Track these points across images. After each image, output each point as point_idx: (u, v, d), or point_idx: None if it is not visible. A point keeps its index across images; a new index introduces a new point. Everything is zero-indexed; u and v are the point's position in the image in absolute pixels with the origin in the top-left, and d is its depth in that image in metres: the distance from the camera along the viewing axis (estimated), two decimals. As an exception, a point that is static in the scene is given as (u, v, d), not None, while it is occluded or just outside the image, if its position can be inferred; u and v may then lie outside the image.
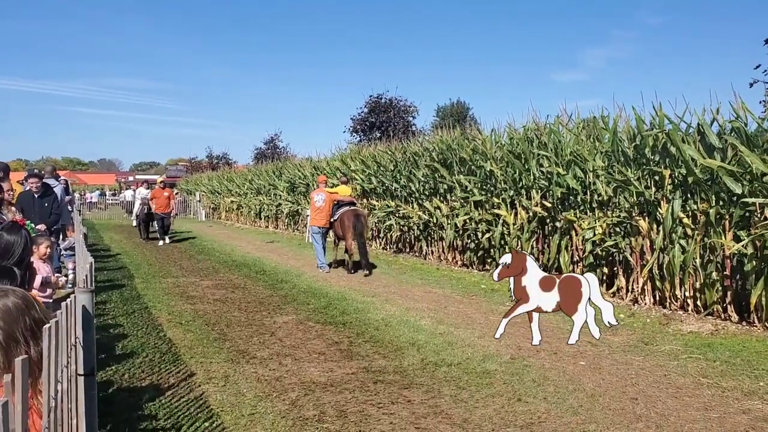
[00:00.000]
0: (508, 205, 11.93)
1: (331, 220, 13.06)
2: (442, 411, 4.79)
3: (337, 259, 13.58)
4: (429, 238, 14.63)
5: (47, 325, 1.81)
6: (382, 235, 16.79)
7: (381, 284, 10.88)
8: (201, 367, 5.82)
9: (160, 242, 17.87)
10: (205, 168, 52.17)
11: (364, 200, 17.84)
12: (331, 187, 14.49)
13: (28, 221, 5.63)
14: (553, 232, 10.84)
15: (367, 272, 11.93)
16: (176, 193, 27.63)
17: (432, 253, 14.55)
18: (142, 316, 8.07)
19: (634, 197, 9.20)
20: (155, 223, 19.09)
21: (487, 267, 12.56)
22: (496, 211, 12.01)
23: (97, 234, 22.01)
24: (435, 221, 14.09)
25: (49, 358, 1.85)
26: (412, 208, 15.10)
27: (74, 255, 10.25)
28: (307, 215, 17.51)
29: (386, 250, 16.52)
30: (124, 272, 12.17)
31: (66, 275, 10.43)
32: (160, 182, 19.45)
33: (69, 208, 12.29)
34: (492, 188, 12.40)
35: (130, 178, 74.63)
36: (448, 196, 13.90)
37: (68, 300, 2.19)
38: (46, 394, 1.87)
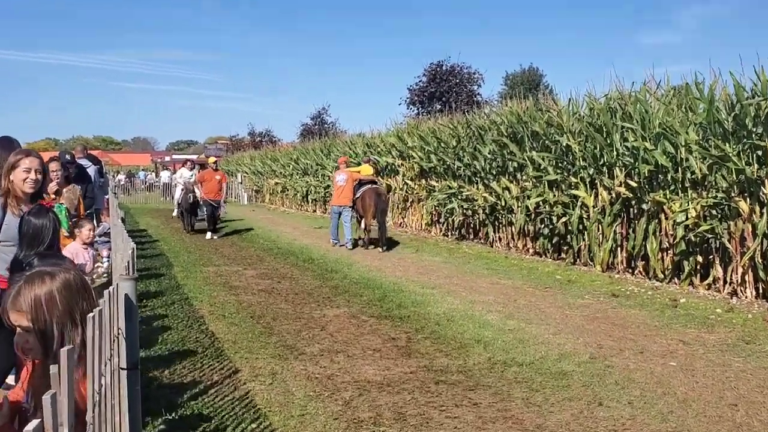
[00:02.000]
0: (588, 185, 11.75)
1: (354, 198, 14.78)
2: (513, 415, 4.80)
3: (367, 238, 14.66)
4: (496, 223, 14.56)
5: (91, 314, 1.91)
6: (442, 220, 16.79)
7: (442, 275, 10.94)
8: (246, 364, 5.99)
9: (208, 235, 16.60)
10: (246, 147, 53.18)
11: (423, 180, 17.87)
12: (354, 167, 16.40)
13: (58, 204, 5.89)
14: (639, 215, 10.63)
15: (382, 249, 14.00)
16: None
17: (500, 239, 14.48)
18: (183, 307, 8.33)
19: (733, 175, 8.92)
20: (201, 211, 18.97)
21: (563, 255, 12.42)
22: (574, 191, 11.85)
23: (132, 219, 22.76)
24: (503, 204, 14.02)
25: (93, 349, 1.96)
26: (477, 189, 15.04)
27: (109, 242, 10.65)
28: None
29: (447, 236, 16.52)
30: (162, 260, 12.58)
31: (102, 263, 10.87)
32: (213, 162, 17.84)
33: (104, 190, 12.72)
34: (569, 166, 12.24)
35: (167, 158, 76.69)
36: (519, 176, 13.79)
37: (111, 288, 2.30)
38: (90, 388, 1.98)
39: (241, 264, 12.26)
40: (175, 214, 21.64)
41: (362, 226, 14.97)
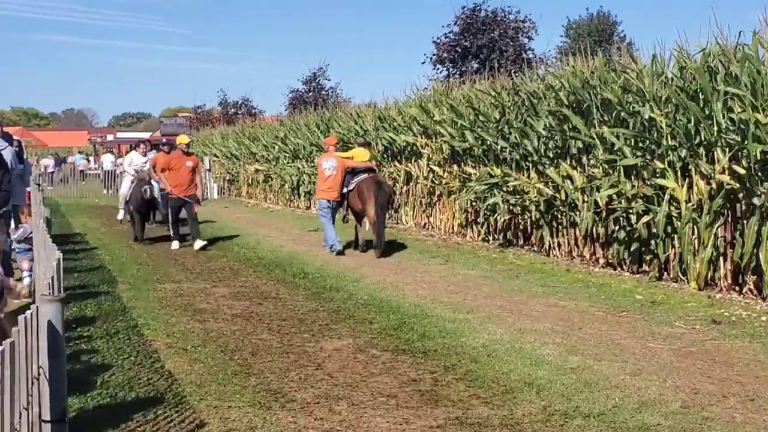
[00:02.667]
0: (678, 173, 11.68)
1: (345, 191, 15.46)
2: (576, 486, 4.77)
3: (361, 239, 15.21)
4: (554, 224, 14.52)
5: None
6: (481, 219, 16.77)
7: (481, 294, 10.92)
8: (215, 415, 5.99)
9: (174, 245, 16.26)
10: (216, 121, 53.34)
11: (454, 166, 17.86)
12: (344, 152, 16.82)
13: None
14: (750, 213, 10.54)
15: (379, 254, 14.68)
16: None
17: (558, 246, 14.44)
18: (131, 338, 8.34)
19: None
20: (159, 212, 19.07)
21: (645, 268, 12.35)
22: (660, 181, 11.78)
23: (63, 219, 22.89)
24: (564, 198, 13.97)
25: (2, 396, 1.94)
26: (528, 178, 14.99)
27: (31, 250, 10.69)
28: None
29: (488, 242, 16.50)
30: (103, 274, 12.64)
31: (21, 279, 10.92)
32: (185, 143, 17.00)
33: (23, 181, 12.77)
34: (652, 146, 12.17)
35: (109, 137, 77.24)
36: (584, 160, 13.74)
37: (28, 313, 2.29)
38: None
39: (209, 280, 12.29)
40: (120, 216, 20.64)
41: (363, 226, 15.82)
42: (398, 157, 20.82)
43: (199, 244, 15.77)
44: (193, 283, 11.91)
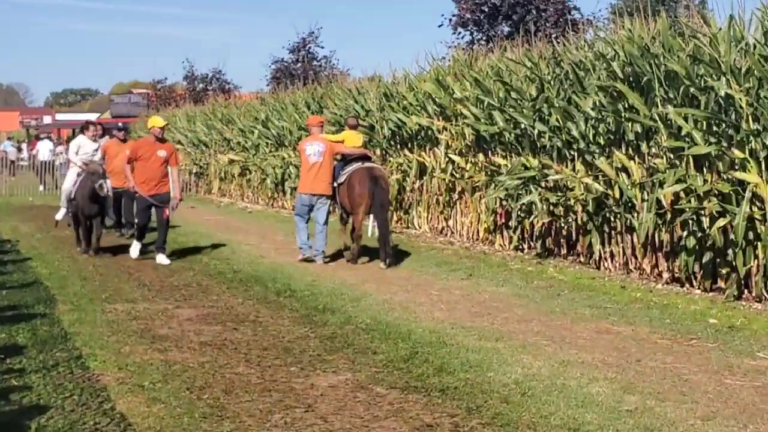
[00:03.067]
0: (763, 164, 11.65)
1: (335, 183, 15.73)
2: None
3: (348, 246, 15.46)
4: (606, 229, 14.52)
5: None
6: (514, 222, 16.75)
7: (513, 317, 10.92)
8: (179, 468, 5.97)
9: (133, 253, 16.14)
10: (180, 99, 53.32)
11: (480, 155, 17.85)
12: (332, 134, 17.31)
13: None
14: None
15: (385, 264, 14.93)
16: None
17: (611, 256, 14.43)
18: (73, 372, 8.31)
19: None
20: (112, 214, 18.91)
21: (721, 284, 12.31)
22: (739, 174, 11.75)
23: (-11, 222, 22.87)
24: (617, 195, 13.96)
25: None
26: (573, 170, 14.98)
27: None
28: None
29: (521, 251, 16.49)
30: (38, 292, 12.61)
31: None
32: (159, 126, 16.41)
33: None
34: (730, 131, 12.14)
35: (46, 119, 77.39)
36: (644, 147, 13.72)
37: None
38: None
39: (172, 299, 12.28)
40: (60, 216, 20.19)
41: (349, 228, 16.03)
42: (409, 145, 20.85)
43: (162, 258, 15.61)
44: (152, 303, 11.89)
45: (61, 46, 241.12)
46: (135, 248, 16.16)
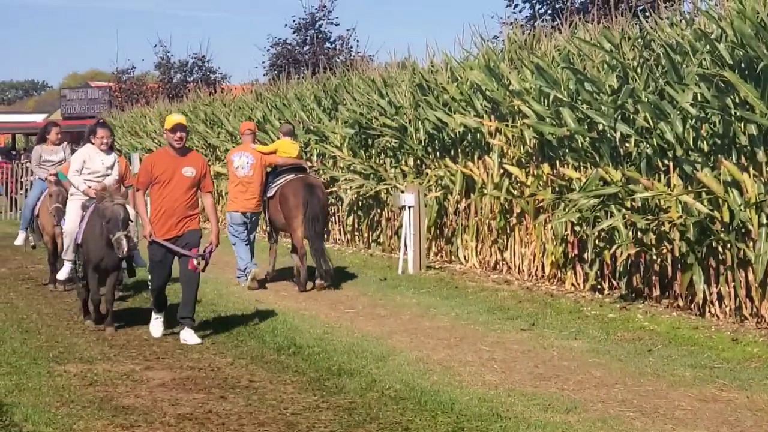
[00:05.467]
0: None
1: (266, 197, 17.31)
2: None
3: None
4: (711, 262, 14.50)
5: None
6: (589, 255, 16.66)
7: (589, 380, 10.88)
8: None
9: (186, 336, 13.42)
10: (152, 94, 53.50)
11: (544, 166, 17.79)
12: (265, 145, 19.11)
13: None
14: None
15: (324, 282, 16.95)
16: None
17: (719, 299, 14.39)
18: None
19: None
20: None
21: None
22: None
23: None
24: (727, 218, 13.95)
25: None
26: (668, 185, 14.91)
27: None
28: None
29: (600, 292, 16.42)
30: (-36, 349, 12.64)
31: None
32: (176, 124, 13.85)
33: None
34: None
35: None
36: (760, 155, 13.71)
37: None
38: None
39: (140, 357, 12.28)
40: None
41: (277, 248, 17.55)
42: (451, 152, 20.84)
43: (189, 335, 13.39)
44: (114, 363, 11.88)
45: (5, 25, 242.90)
46: (156, 324, 13.88)
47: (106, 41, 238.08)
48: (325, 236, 17.32)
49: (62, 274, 15.80)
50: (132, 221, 14.27)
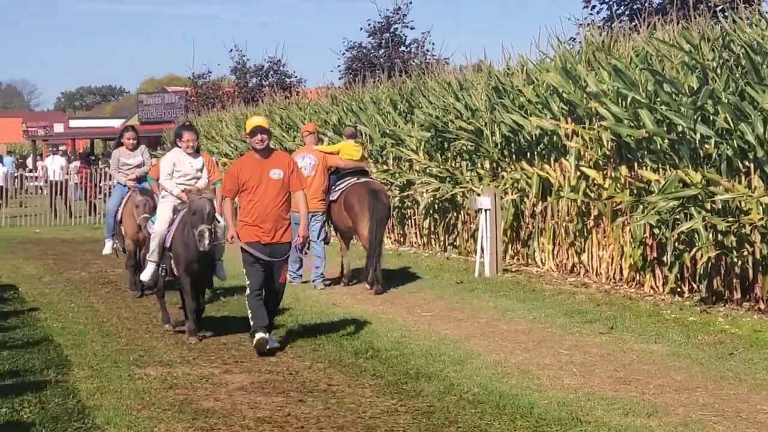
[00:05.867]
0: None
1: (331, 199, 17.57)
2: None
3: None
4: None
5: None
6: (669, 258, 16.50)
7: (670, 384, 10.79)
8: None
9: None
10: (228, 98, 53.68)
11: (622, 168, 17.67)
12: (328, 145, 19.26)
13: None
14: None
15: (378, 286, 17.13)
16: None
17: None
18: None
19: None
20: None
21: None
22: None
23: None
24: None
25: None
26: (749, 187, 14.79)
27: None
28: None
29: (680, 295, 16.29)
30: (48, 352, 12.73)
31: None
32: (257, 126, 13.35)
33: None
34: None
35: (58, 127, 78.63)
36: None
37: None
38: None
39: (220, 360, 12.34)
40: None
41: (345, 251, 17.72)
42: (527, 155, 20.78)
43: (271, 341, 13.12)
44: (194, 367, 11.96)
45: (75, 33, 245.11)
46: (262, 341, 12.90)
47: (182, 47, 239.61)
48: (402, 239, 17.23)
49: (145, 275, 15.40)
50: (220, 222, 13.88)
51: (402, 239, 26.36)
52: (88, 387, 10.84)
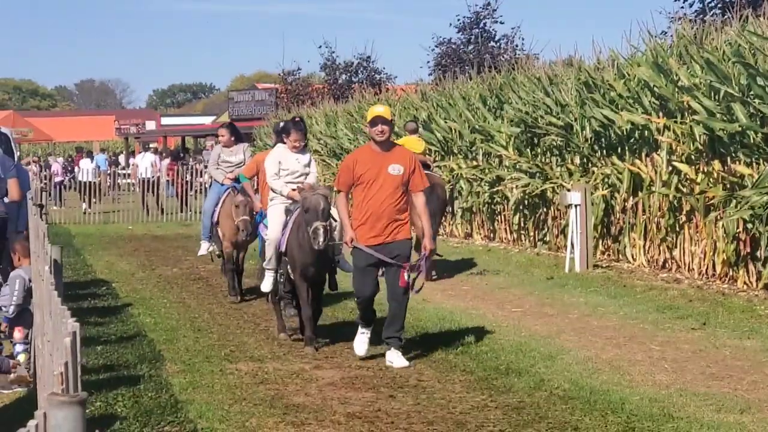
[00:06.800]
0: None
1: None
2: None
3: None
4: None
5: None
6: (763, 253, 16.36)
7: (764, 380, 10.72)
8: None
9: (393, 357, 12.01)
10: (317, 95, 53.84)
11: (715, 163, 17.54)
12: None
13: None
14: None
15: (430, 278, 17.22)
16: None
17: None
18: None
19: None
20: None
21: None
22: None
23: (78, 258, 23.57)
24: None
25: None
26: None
27: (27, 310, 11.00)
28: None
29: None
30: (141, 347, 12.94)
31: (13, 355, 11.22)
32: (379, 116, 12.36)
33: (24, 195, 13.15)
34: None
35: (149, 125, 79.35)
36: None
37: (31, 425, 2.34)
38: None
39: (309, 356, 12.44)
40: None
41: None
42: (618, 150, 20.65)
43: (396, 357, 12.04)
44: (284, 362, 12.04)
45: (166, 32, 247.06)
46: (361, 340, 12.40)
47: (272, 44, 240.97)
48: (491, 235, 17.23)
49: (265, 285, 14.34)
50: (336, 221, 13.00)
51: (492, 235, 26.28)
52: (180, 381, 10.98)
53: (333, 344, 13.08)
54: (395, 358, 11.85)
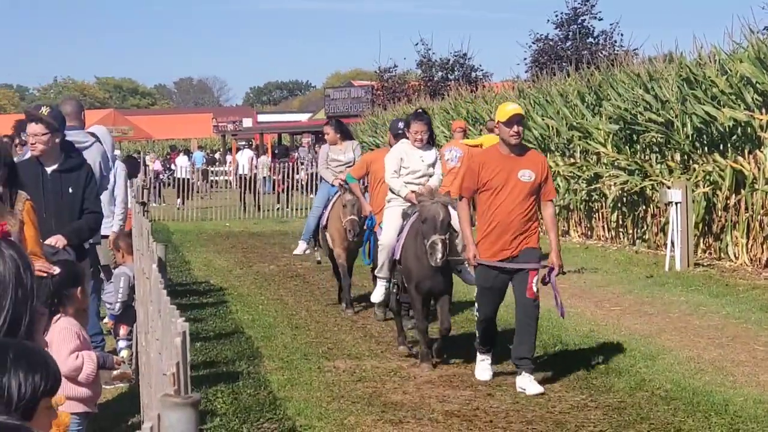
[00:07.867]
0: None
1: None
2: None
3: None
4: None
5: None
6: None
7: None
8: None
9: (524, 382, 10.77)
10: (414, 92, 53.83)
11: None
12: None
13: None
14: None
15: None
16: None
17: None
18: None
19: None
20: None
21: None
22: None
23: (176, 255, 23.70)
24: None
25: None
26: None
27: (130, 305, 11.11)
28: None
29: None
30: (239, 344, 13.05)
31: (116, 351, 11.34)
32: (510, 115, 11.09)
33: (124, 193, 13.23)
34: None
35: (246, 122, 79.80)
36: None
37: (146, 427, 2.35)
38: None
39: (407, 354, 12.39)
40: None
41: None
42: (720, 147, 20.45)
43: (528, 383, 10.72)
44: (382, 360, 12.08)
45: (262, 30, 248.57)
46: (483, 367, 11.38)
47: (368, 41, 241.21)
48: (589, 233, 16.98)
49: (376, 296, 13.41)
50: (457, 232, 11.66)
51: (589, 233, 26.16)
52: (278, 379, 11.07)
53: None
54: (527, 384, 10.59)
